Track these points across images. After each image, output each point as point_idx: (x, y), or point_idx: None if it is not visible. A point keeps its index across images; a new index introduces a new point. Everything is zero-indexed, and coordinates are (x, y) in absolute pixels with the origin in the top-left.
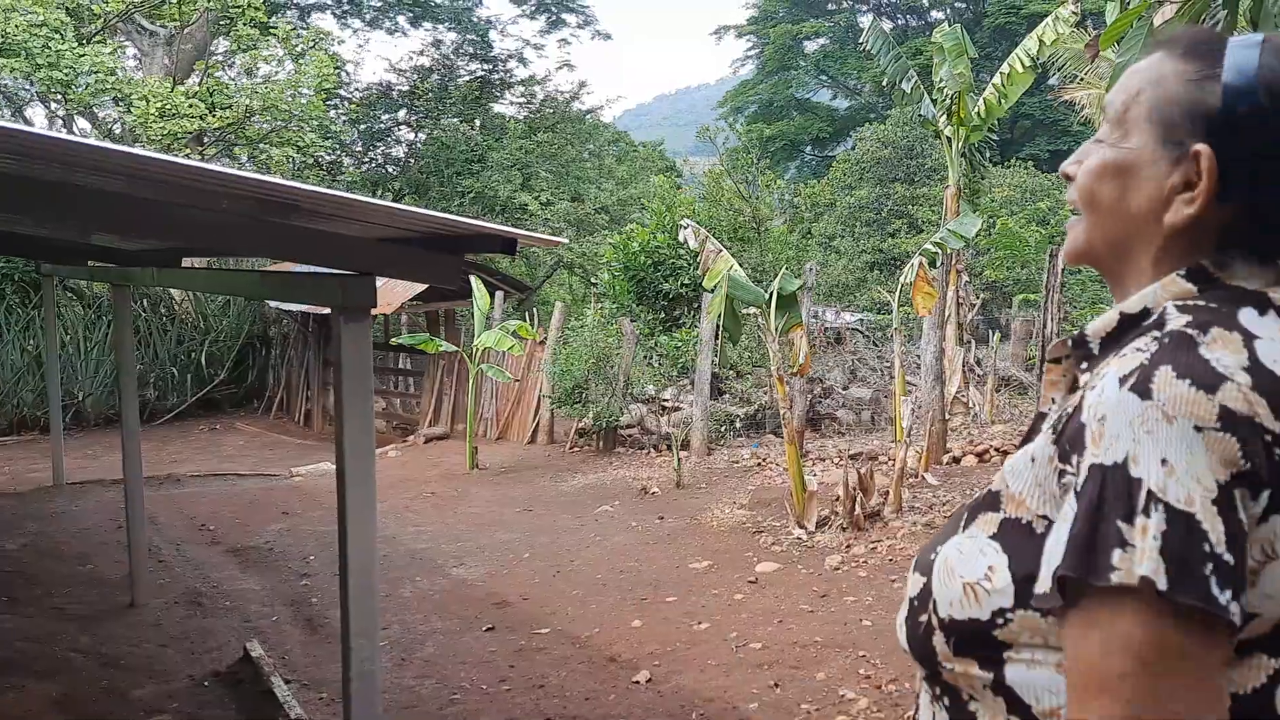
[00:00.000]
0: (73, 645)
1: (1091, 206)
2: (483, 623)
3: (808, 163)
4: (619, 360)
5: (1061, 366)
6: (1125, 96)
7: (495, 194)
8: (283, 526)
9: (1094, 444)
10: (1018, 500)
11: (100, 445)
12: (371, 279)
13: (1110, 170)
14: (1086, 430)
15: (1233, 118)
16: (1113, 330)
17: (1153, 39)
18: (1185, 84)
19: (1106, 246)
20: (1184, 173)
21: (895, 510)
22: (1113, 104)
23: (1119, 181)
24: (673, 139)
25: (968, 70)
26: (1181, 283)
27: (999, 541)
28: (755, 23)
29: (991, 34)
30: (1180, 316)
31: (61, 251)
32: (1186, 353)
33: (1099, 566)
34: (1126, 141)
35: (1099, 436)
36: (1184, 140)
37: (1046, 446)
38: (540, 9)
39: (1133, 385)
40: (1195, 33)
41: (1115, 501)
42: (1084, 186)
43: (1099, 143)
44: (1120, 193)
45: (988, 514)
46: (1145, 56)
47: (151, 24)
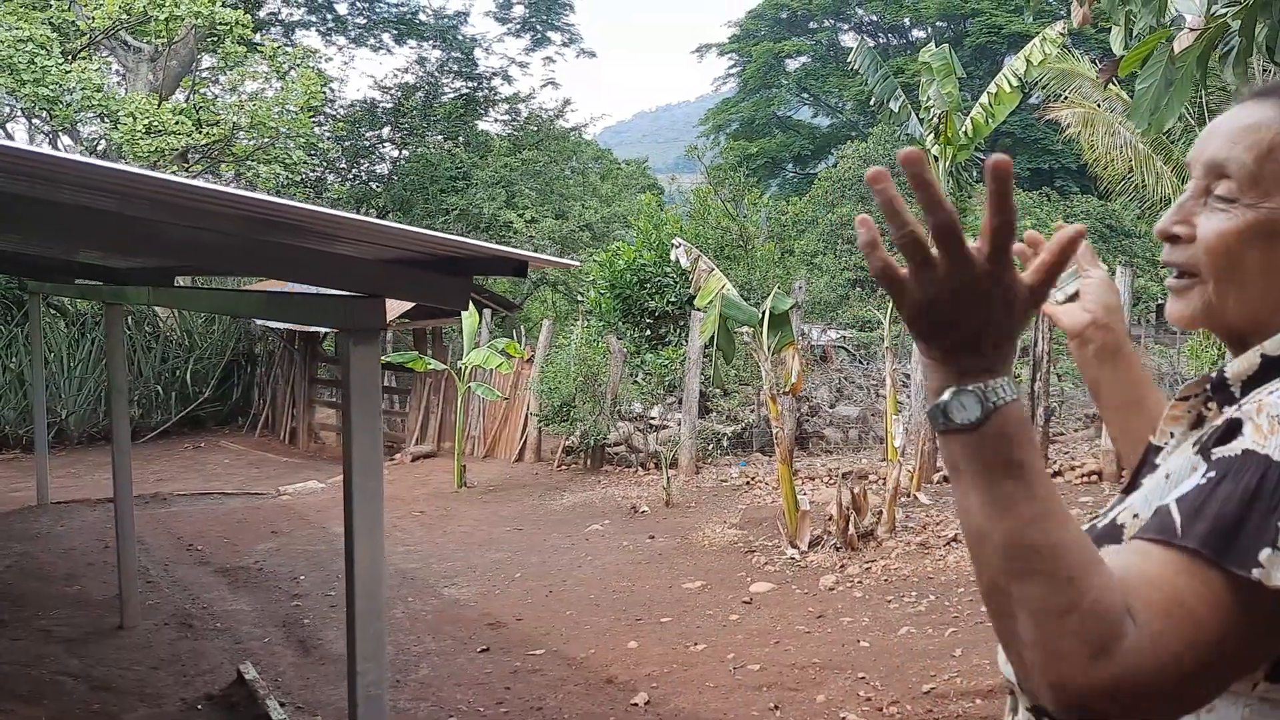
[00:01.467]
0: (61, 668)
1: (1230, 272)
2: (477, 643)
3: (789, 180)
4: (606, 378)
5: (1188, 403)
6: (1256, 154)
7: (479, 211)
8: (272, 546)
9: (1259, 435)
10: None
11: (84, 464)
12: (381, 300)
13: (1259, 232)
14: (1246, 423)
15: None
16: (1255, 373)
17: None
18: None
19: (1247, 311)
20: None
21: (889, 530)
22: (1239, 162)
23: (1269, 244)
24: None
25: (956, 90)
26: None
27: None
28: (737, 41)
29: (972, 53)
30: None
31: (48, 269)
32: None
33: (1243, 556)
34: (1267, 202)
35: (1269, 431)
36: None
37: (1187, 458)
38: (525, 27)
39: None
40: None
41: (1273, 497)
42: (1224, 251)
43: (1223, 201)
44: (1270, 256)
45: (1108, 546)
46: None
47: (137, 40)
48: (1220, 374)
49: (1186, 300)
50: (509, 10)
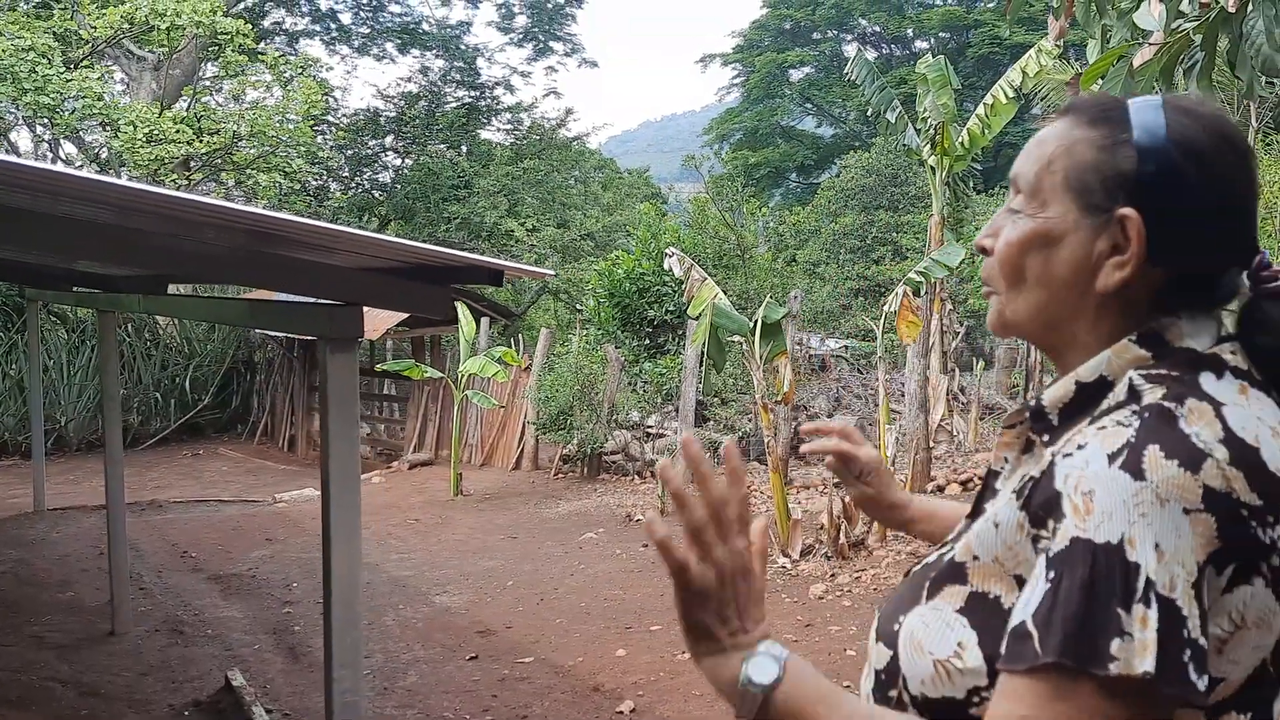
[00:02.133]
0: (52, 674)
1: (1016, 279)
2: (465, 651)
3: (792, 190)
4: (604, 387)
5: (1015, 431)
6: (1038, 166)
7: (481, 220)
8: (265, 553)
9: (1078, 516)
10: (984, 571)
11: (82, 470)
12: (358, 309)
13: (1034, 241)
14: (1065, 500)
15: (1150, 179)
16: (1070, 400)
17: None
18: (1098, 150)
19: (1037, 318)
20: (1110, 238)
21: (880, 539)
22: (1024, 175)
23: (1044, 252)
24: (658, 165)
25: (951, 101)
26: (1135, 349)
27: (966, 616)
28: (741, 51)
29: (975, 64)
30: (1153, 388)
31: (46, 277)
32: (1170, 430)
33: (1097, 655)
34: (1046, 211)
35: (1085, 511)
36: (1105, 206)
37: (1013, 511)
38: (527, 37)
39: (1124, 464)
40: (1097, 99)
41: (1111, 585)
42: (1007, 259)
43: (1015, 214)
44: (1047, 263)
45: (953, 586)
46: (1048, 125)
47: (140, 49)
48: (1038, 402)
49: (992, 310)
50: (511, 20)
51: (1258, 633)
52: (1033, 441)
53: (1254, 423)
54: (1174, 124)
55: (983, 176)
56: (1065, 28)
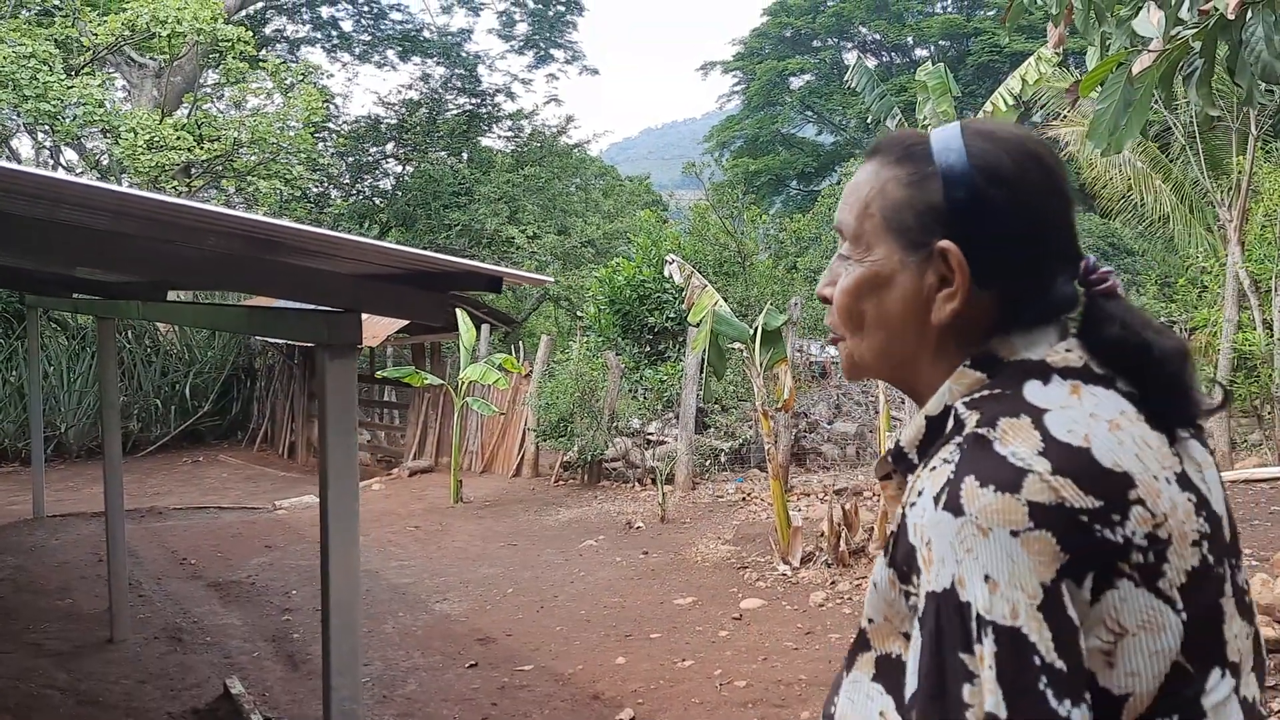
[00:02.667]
0: (50, 681)
1: (855, 325)
2: (465, 659)
3: (793, 197)
4: (604, 394)
5: (894, 481)
6: (856, 212)
7: (482, 227)
8: (265, 560)
9: (925, 569)
10: (881, 633)
11: (82, 477)
12: (357, 316)
13: (865, 285)
14: (917, 553)
15: (959, 207)
16: (923, 436)
17: (1054, 114)
18: (906, 186)
19: (882, 360)
20: (935, 271)
21: (880, 546)
22: (846, 222)
23: (877, 295)
24: (659, 173)
25: (951, 109)
26: (971, 373)
27: (880, 682)
28: (741, 59)
29: (975, 71)
30: (970, 414)
31: (45, 283)
32: (986, 455)
33: (953, 708)
34: (871, 255)
35: (929, 561)
36: (924, 241)
37: (883, 569)
38: (528, 44)
39: (945, 503)
40: (901, 136)
41: (952, 632)
42: (843, 307)
43: (845, 260)
44: (881, 305)
45: (864, 654)
46: (860, 168)
47: (141, 56)
48: (897, 445)
49: (845, 356)
50: (512, 28)
51: (1147, 636)
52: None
53: (1084, 421)
54: (974, 149)
55: None
56: (1064, 35)
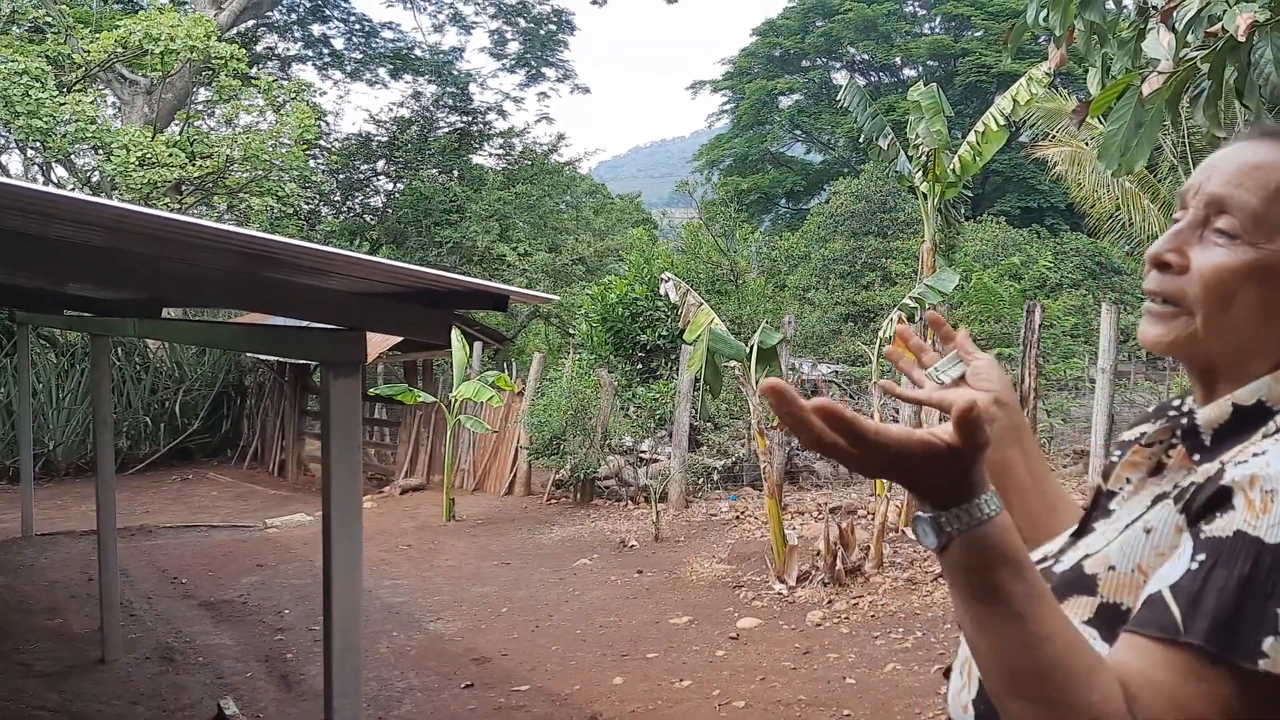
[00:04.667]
0: (40, 703)
1: (1223, 306)
2: (461, 679)
3: (782, 216)
4: (597, 411)
5: (1151, 451)
6: (1264, 194)
7: (473, 244)
8: (257, 579)
9: (1250, 512)
10: (1119, 583)
11: (70, 495)
12: (361, 334)
13: (1258, 273)
14: (1237, 494)
15: None
16: (1226, 422)
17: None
18: None
19: (1229, 346)
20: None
21: (876, 565)
22: (1244, 201)
23: (1264, 286)
24: (649, 191)
25: (944, 128)
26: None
27: (1097, 628)
28: (730, 78)
29: (963, 91)
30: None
31: (37, 300)
32: None
33: (1247, 648)
34: (1269, 244)
35: (1260, 508)
36: None
37: (1170, 516)
38: (520, 63)
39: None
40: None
41: (1272, 583)
42: (1218, 284)
43: (1224, 236)
44: (1263, 298)
45: (1081, 597)
46: (1246, 149)
47: (133, 73)
48: (1192, 421)
49: (1168, 326)
50: (504, 46)
51: None
52: (1163, 463)
53: None
54: None
55: (971, 203)
56: (1064, 56)
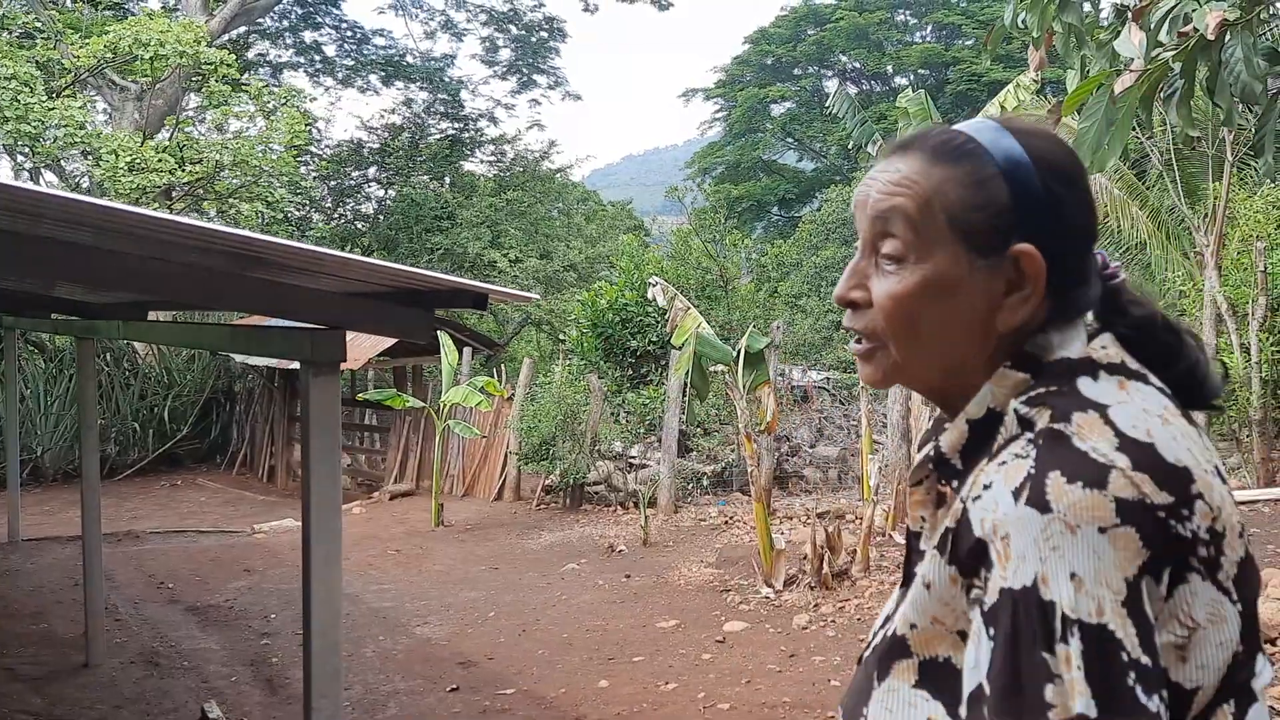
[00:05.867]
0: (23, 707)
1: (907, 332)
2: (447, 683)
3: (774, 223)
4: (586, 417)
5: (924, 487)
6: (912, 212)
7: (464, 251)
8: (244, 584)
9: (1000, 564)
10: (926, 637)
11: (58, 501)
12: (341, 333)
13: (930, 290)
14: (990, 547)
15: (1032, 208)
16: (967, 441)
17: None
18: (969, 187)
19: (932, 367)
20: (1004, 275)
21: (863, 569)
22: (894, 222)
23: (942, 301)
24: (641, 198)
25: None
26: (1013, 374)
27: (925, 689)
28: (722, 86)
29: (953, 99)
30: (1039, 412)
31: (23, 303)
32: (1066, 451)
33: (1033, 708)
34: (932, 258)
35: (1005, 557)
36: (995, 245)
37: (941, 567)
38: (511, 70)
39: (1029, 499)
40: (940, 134)
41: (1032, 631)
42: (896, 312)
43: (891, 261)
44: (945, 312)
45: (901, 662)
46: (890, 165)
47: (123, 79)
48: (938, 450)
49: (874, 364)
50: (495, 54)
51: (1214, 629)
52: (943, 494)
53: (1141, 416)
54: (1032, 147)
55: None
56: (1044, 58)
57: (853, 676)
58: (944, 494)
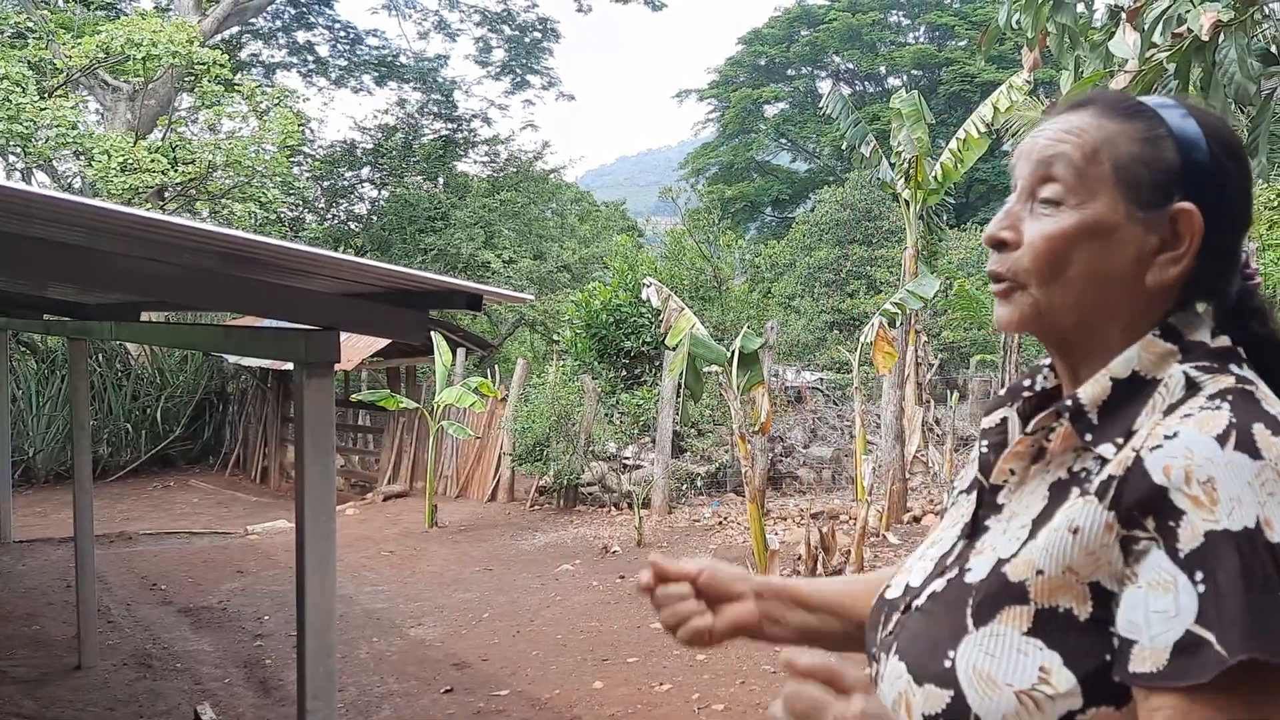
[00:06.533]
0: (15, 709)
1: (1055, 272)
2: (441, 684)
3: (768, 224)
4: (580, 418)
5: (1031, 439)
6: (1079, 157)
7: (458, 251)
8: (237, 586)
9: (1202, 509)
10: (1051, 586)
11: (50, 502)
12: (335, 334)
13: (1084, 234)
14: (1174, 494)
15: (1200, 172)
16: (1109, 398)
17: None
18: (1141, 143)
19: (1076, 312)
20: (1159, 233)
21: (857, 569)
22: (1060, 165)
23: (1094, 246)
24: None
25: (925, 135)
26: (1162, 344)
27: (1040, 637)
28: (716, 87)
29: (946, 100)
30: (1213, 379)
31: (15, 304)
32: (1260, 409)
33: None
34: (1092, 203)
35: (1209, 501)
36: (1157, 200)
37: (1096, 514)
38: (505, 70)
39: (1237, 444)
40: (1115, 95)
41: (1265, 570)
42: (1049, 251)
43: (1048, 205)
44: (1096, 259)
45: (1014, 608)
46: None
47: (115, 79)
48: (1076, 401)
49: (1013, 305)
50: (489, 54)
51: None
52: (1044, 448)
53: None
54: (1203, 119)
55: (955, 211)
56: (1038, 59)
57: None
58: (1044, 447)
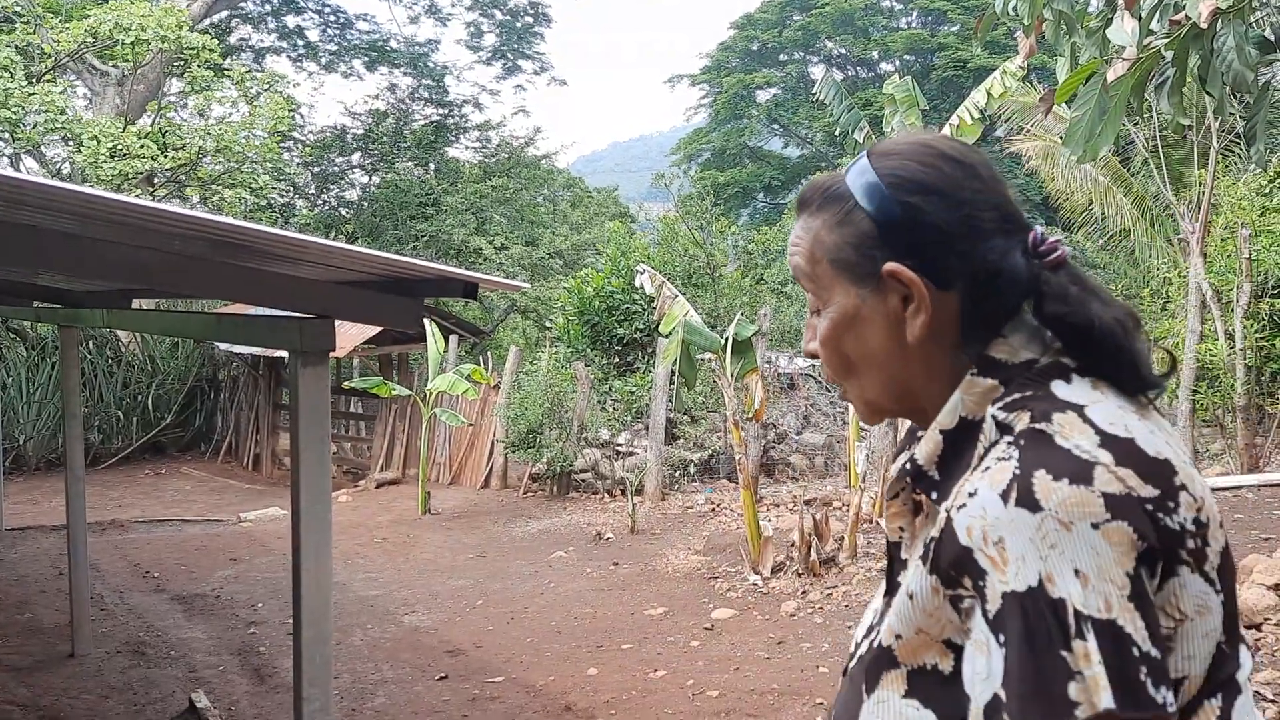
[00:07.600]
0: (9, 697)
1: (847, 369)
2: (435, 671)
3: (760, 209)
4: (573, 405)
5: (900, 500)
6: (805, 267)
7: (449, 238)
8: (230, 573)
9: (997, 569)
10: (912, 646)
11: (41, 490)
12: (330, 321)
13: (839, 330)
14: (977, 554)
15: (888, 226)
16: (943, 451)
17: (1018, 129)
18: (836, 227)
19: (886, 393)
20: (894, 294)
21: (850, 556)
22: (801, 279)
23: (853, 334)
24: (626, 185)
25: (919, 121)
26: (982, 380)
27: (916, 697)
28: (708, 72)
29: (939, 86)
30: (1018, 415)
31: (5, 290)
32: (1049, 450)
33: (1060, 708)
34: (833, 298)
35: (1002, 561)
36: (871, 270)
37: (923, 578)
38: (496, 55)
39: (1018, 499)
40: (817, 183)
41: (1047, 630)
42: (829, 356)
43: (814, 313)
44: (861, 342)
45: (890, 672)
46: (794, 228)
47: (104, 64)
48: (915, 464)
49: (853, 402)
50: (480, 39)
51: (1201, 620)
52: (920, 504)
53: (1118, 413)
54: (882, 170)
55: None
56: (1034, 46)
57: (839, 689)
58: (920, 503)
